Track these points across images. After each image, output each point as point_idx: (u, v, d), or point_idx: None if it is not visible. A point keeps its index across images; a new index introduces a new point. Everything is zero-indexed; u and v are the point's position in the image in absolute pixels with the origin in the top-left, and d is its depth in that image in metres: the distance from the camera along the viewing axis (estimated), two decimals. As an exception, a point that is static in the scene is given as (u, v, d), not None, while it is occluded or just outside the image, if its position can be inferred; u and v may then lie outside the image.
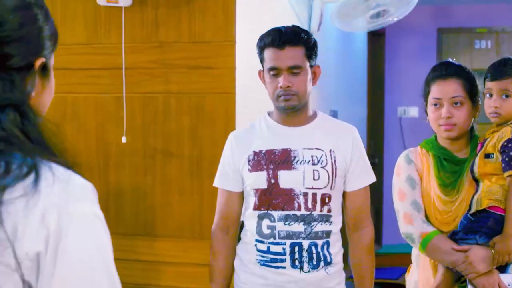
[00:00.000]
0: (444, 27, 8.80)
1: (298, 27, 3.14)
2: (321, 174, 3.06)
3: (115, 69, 4.16)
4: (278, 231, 3.05)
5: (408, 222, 3.11)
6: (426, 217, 3.13)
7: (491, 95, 3.06)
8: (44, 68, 1.40)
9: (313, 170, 3.05)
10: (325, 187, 3.06)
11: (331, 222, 3.09)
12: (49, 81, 1.42)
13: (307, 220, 3.04)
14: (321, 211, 3.05)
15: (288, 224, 3.04)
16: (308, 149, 3.09)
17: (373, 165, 8.63)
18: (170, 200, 4.11)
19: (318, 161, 3.07)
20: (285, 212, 3.04)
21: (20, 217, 1.22)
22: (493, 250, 2.91)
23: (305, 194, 3.04)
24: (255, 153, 3.12)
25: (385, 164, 8.24)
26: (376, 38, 8.55)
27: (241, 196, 3.21)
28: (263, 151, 3.10)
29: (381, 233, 8.24)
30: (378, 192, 7.91)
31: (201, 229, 4.06)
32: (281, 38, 3.05)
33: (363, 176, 3.18)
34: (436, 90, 3.13)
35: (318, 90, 5.48)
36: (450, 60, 3.25)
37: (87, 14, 4.22)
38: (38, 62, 1.37)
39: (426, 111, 3.23)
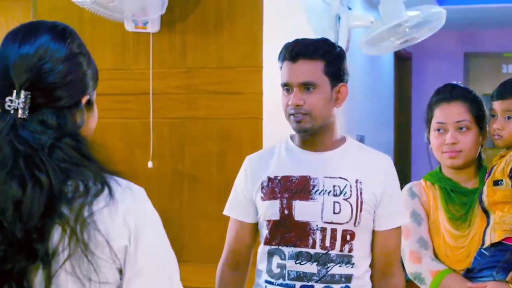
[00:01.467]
0: (471, 52, 8.79)
1: (324, 40, 2.73)
2: (342, 207, 2.61)
3: (142, 94, 4.18)
4: (288, 271, 2.62)
5: (415, 261, 2.84)
6: (435, 255, 2.87)
7: (493, 116, 2.89)
8: (89, 102, 1.72)
9: (334, 202, 2.61)
10: (347, 222, 2.61)
11: (353, 264, 2.62)
12: (93, 112, 1.75)
13: (321, 260, 2.59)
14: (341, 250, 2.60)
15: (299, 263, 2.61)
16: (330, 177, 2.64)
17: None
18: (197, 225, 4.11)
19: (341, 192, 2.62)
20: (297, 249, 2.61)
21: (108, 222, 1.58)
22: None
23: (323, 230, 2.60)
24: (269, 179, 2.70)
25: (412, 189, 8.17)
26: (403, 62, 8.54)
27: (254, 228, 2.80)
28: (279, 177, 2.69)
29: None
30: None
31: (228, 254, 4.05)
32: (293, 49, 2.65)
33: (395, 214, 2.70)
34: (439, 114, 2.90)
35: (345, 115, 5.48)
36: (455, 82, 3.02)
37: (115, 39, 4.26)
38: (84, 100, 1.69)
39: (428, 139, 3.01)
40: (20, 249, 1.52)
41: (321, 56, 2.63)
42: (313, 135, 2.68)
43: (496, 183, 2.78)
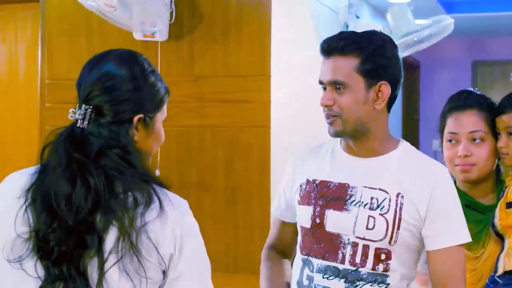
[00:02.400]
0: (479, 60, 8.79)
1: (366, 32, 2.42)
2: (377, 223, 2.33)
3: (150, 102, 4.19)
4: (315, 285, 2.39)
5: (422, 283, 2.57)
6: None
7: (498, 133, 2.64)
8: (145, 121, 1.94)
9: (368, 216, 2.34)
10: (380, 240, 2.33)
11: (388, 284, 2.35)
12: (153, 131, 1.99)
13: (350, 277, 2.34)
14: (373, 269, 2.33)
15: (327, 278, 2.37)
16: (370, 188, 2.37)
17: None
18: (204, 233, 4.08)
19: (378, 206, 2.34)
20: (325, 262, 2.38)
21: (158, 232, 1.83)
22: None
23: (355, 245, 2.35)
24: (308, 182, 2.47)
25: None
26: (411, 70, 8.54)
27: (296, 228, 2.57)
28: (317, 182, 2.45)
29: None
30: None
31: (236, 263, 4.05)
32: (326, 43, 2.38)
33: (447, 232, 2.35)
34: (452, 123, 2.66)
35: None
36: (471, 89, 2.78)
37: (123, 48, 4.27)
38: (136, 118, 1.92)
39: (442, 150, 2.77)
40: (70, 235, 1.79)
41: (354, 52, 2.34)
42: (353, 139, 2.41)
43: (509, 205, 2.50)
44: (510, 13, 7.40)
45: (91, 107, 1.89)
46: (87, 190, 1.80)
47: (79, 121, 1.89)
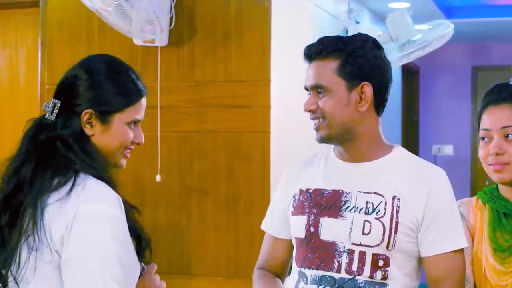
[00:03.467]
0: (479, 65, 8.79)
1: (353, 35, 2.41)
2: (373, 227, 2.25)
3: (150, 107, 4.18)
4: None
5: None
6: None
7: None
8: (98, 118, 2.06)
9: (364, 221, 2.26)
10: (377, 245, 2.25)
11: None
12: (109, 129, 2.09)
13: (346, 286, 2.25)
14: (371, 277, 2.25)
15: None
16: (364, 193, 2.30)
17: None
18: (205, 238, 4.11)
19: (373, 210, 2.27)
20: (320, 272, 2.29)
21: (54, 214, 1.94)
22: None
23: (351, 252, 2.26)
24: (301, 191, 2.41)
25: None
26: (411, 75, 8.54)
27: (290, 244, 2.48)
28: (310, 190, 2.38)
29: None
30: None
31: (237, 268, 4.04)
32: (306, 48, 2.40)
33: (444, 238, 2.27)
34: (485, 119, 2.38)
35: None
36: (510, 83, 2.47)
37: (123, 53, 4.26)
38: (84, 113, 2.05)
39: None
40: (3, 213, 2.02)
41: (333, 54, 2.32)
42: (342, 144, 2.37)
43: None
44: (510, 18, 7.41)
45: (59, 101, 2.07)
46: (11, 175, 2.03)
47: (47, 113, 2.08)
